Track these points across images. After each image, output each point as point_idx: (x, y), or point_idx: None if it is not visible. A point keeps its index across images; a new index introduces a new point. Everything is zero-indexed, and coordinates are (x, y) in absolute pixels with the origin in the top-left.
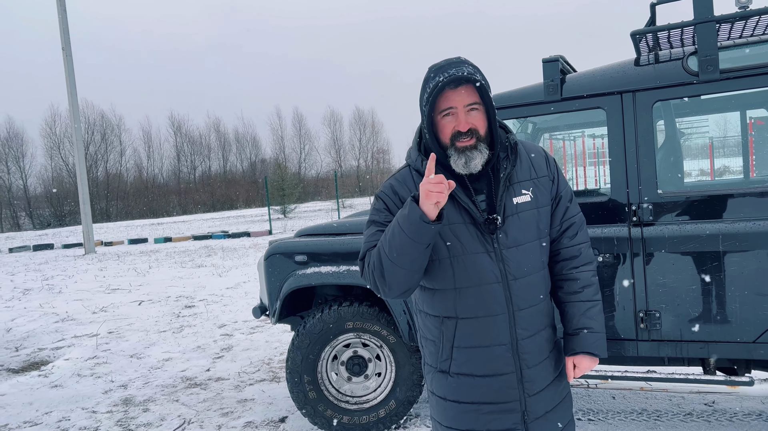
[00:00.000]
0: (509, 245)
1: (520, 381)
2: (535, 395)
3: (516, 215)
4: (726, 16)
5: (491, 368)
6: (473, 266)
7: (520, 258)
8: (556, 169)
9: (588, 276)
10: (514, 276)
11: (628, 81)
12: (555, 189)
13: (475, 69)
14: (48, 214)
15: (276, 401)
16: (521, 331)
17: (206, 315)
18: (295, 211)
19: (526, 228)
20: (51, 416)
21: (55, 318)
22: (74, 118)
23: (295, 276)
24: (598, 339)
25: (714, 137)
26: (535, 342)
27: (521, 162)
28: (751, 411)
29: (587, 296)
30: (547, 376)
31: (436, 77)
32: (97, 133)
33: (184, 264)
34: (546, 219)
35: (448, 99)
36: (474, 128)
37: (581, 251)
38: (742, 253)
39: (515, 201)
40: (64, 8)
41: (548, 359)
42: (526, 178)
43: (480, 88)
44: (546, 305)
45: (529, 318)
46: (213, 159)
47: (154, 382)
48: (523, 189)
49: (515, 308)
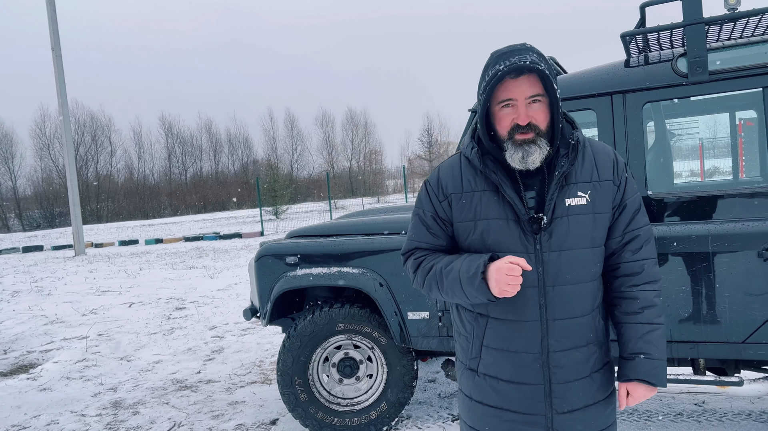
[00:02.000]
0: (552, 248)
1: (548, 396)
2: (566, 414)
3: (566, 218)
4: (715, 18)
5: (517, 375)
6: None
7: (563, 265)
8: (625, 174)
9: (650, 296)
10: (552, 282)
11: (618, 82)
12: (620, 196)
13: (540, 57)
14: (38, 216)
15: (267, 403)
16: (554, 342)
17: (197, 317)
18: (287, 212)
19: (576, 233)
20: (39, 419)
21: (44, 321)
22: (64, 118)
23: (286, 277)
24: (656, 367)
25: (704, 138)
26: (570, 357)
27: (583, 162)
28: (741, 410)
29: (647, 318)
30: (585, 398)
31: (496, 65)
32: (87, 133)
33: (175, 265)
34: (603, 227)
35: (508, 89)
36: (534, 122)
37: (644, 267)
38: (732, 254)
39: (568, 202)
40: (54, 8)
41: (589, 379)
42: (585, 179)
43: (544, 78)
44: (590, 321)
45: (565, 330)
46: (204, 160)
47: (144, 385)
48: (579, 191)
49: (549, 317)
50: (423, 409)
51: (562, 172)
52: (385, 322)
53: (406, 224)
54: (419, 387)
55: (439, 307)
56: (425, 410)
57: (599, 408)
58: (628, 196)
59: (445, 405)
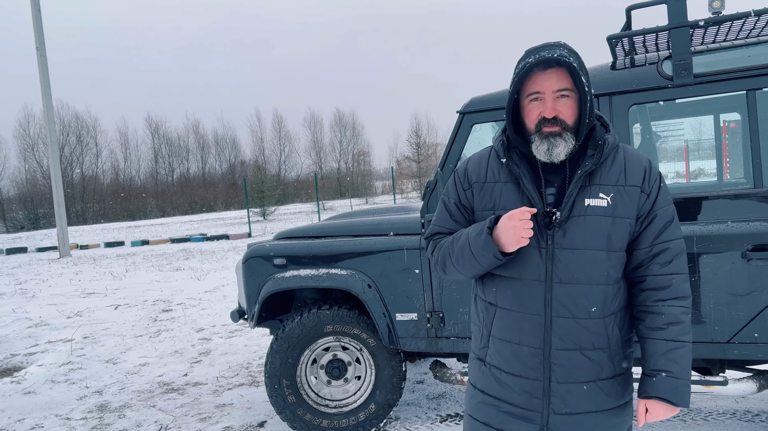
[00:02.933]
0: (564, 246)
1: (546, 393)
2: (564, 415)
3: (583, 217)
4: (699, 22)
5: (517, 368)
6: (519, 258)
7: (574, 263)
8: (657, 184)
9: (676, 312)
10: (560, 279)
11: (605, 84)
12: (649, 205)
13: (571, 52)
14: (21, 217)
15: (255, 405)
16: (557, 340)
17: (184, 319)
18: (275, 214)
19: (592, 233)
20: (24, 423)
21: (28, 324)
22: (48, 118)
23: (274, 279)
24: (678, 386)
25: (689, 140)
26: (572, 358)
27: (612, 165)
28: (726, 410)
29: (671, 335)
30: (587, 404)
31: (527, 58)
32: (72, 134)
33: (162, 267)
34: (622, 232)
35: (536, 82)
36: (561, 116)
37: (672, 282)
38: (716, 255)
39: (587, 202)
40: (38, 7)
41: (594, 385)
42: (610, 182)
43: (574, 73)
44: (601, 326)
45: (568, 328)
46: (192, 161)
47: (131, 388)
48: (601, 192)
49: (554, 313)
50: (411, 410)
51: (584, 171)
52: (373, 324)
53: (395, 225)
54: (407, 388)
55: (427, 308)
56: (413, 411)
57: (602, 418)
58: (659, 207)
59: (433, 406)
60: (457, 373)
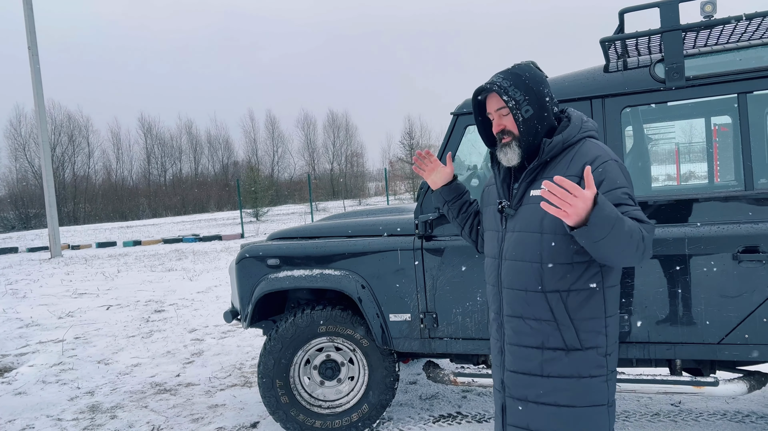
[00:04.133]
0: (510, 229)
1: (501, 352)
2: (512, 372)
3: (527, 205)
4: (691, 25)
5: (491, 329)
6: (488, 241)
7: (514, 244)
8: (604, 174)
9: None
10: (504, 257)
11: (598, 87)
12: None
13: (503, 77)
14: (12, 217)
15: (248, 406)
16: (506, 307)
17: (176, 320)
18: (268, 214)
19: (529, 218)
20: (14, 424)
21: (19, 324)
22: (40, 118)
23: (267, 280)
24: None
25: (680, 143)
26: (516, 324)
27: (561, 160)
28: (716, 410)
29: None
30: (534, 367)
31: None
32: (64, 134)
33: (154, 268)
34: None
35: (488, 105)
36: (507, 128)
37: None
38: (707, 256)
39: (532, 193)
40: (30, 6)
41: (540, 351)
42: (555, 175)
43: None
44: (542, 299)
45: (511, 298)
46: (184, 161)
47: (122, 388)
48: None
49: (503, 285)
50: (404, 411)
51: (529, 169)
52: (366, 324)
53: (389, 226)
54: (401, 389)
55: (420, 309)
56: (406, 412)
57: (549, 383)
58: (603, 191)
59: (426, 407)
60: (450, 374)
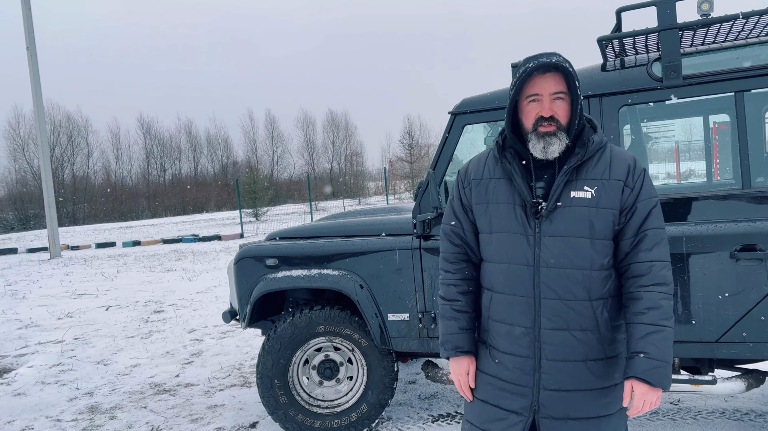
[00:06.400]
0: (551, 233)
1: (536, 370)
2: (553, 391)
3: (569, 208)
4: (688, 24)
5: (510, 346)
6: (509, 245)
7: (559, 249)
8: (641, 179)
9: (655, 297)
10: (546, 263)
11: (595, 86)
12: (632, 198)
13: (566, 60)
14: (11, 218)
15: (247, 406)
16: (545, 320)
17: (176, 320)
18: (268, 214)
19: (576, 222)
20: (14, 425)
21: (18, 325)
22: (39, 119)
23: (266, 280)
24: (655, 367)
25: (679, 141)
26: (561, 337)
27: (598, 162)
28: (715, 409)
29: (650, 319)
30: (575, 382)
31: (526, 63)
32: (63, 134)
33: (153, 268)
34: (606, 221)
35: (535, 85)
36: (556, 116)
37: (652, 269)
38: (705, 255)
39: (573, 194)
40: (29, 6)
41: (582, 365)
42: (596, 177)
43: (568, 77)
44: (588, 308)
45: (556, 309)
46: (183, 161)
47: (122, 389)
48: (586, 185)
49: (542, 295)
50: (403, 410)
51: (570, 166)
52: (365, 324)
53: (387, 226)
54: (399, 388)
55: (419, 308)
56: (405, 411)
57: (590, 396)
58: (642, 199)
59: (425, 407)
60: (448, 373)
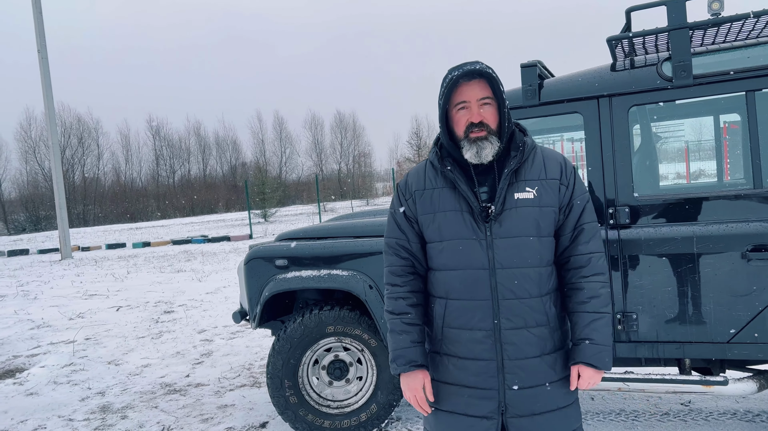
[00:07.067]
0: (502, 235)
1: (500, 371)
2: (519, 391)
3: (515, 209)
4: (699, 23)
5: (472, 351)
6: (463, 251)
7: (511, 250)
8: (573, 177)
9: (596, 287)
10: (501, 265)
11: (605, 86)
12: (568, 195)
13: (488, 67)
14: (23, 219)
15: (257, 406)
16: (505, 321)
17: (186, 321)
18: (276, 215)
19: (523, 222)
20: (26, 424)
21: (30, 325)
22: (50, 121)
23: (276, 280)
24: (599, 351)
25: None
26: (520, 336)
27: (533, 162)
28: (726, 410)
29: (593, 307)
30: (536, 377)
31: (451, 73)
32: (73, 136)
33: (163, 269)
34: (549, 219)
35: (462, 93)
36: (485, 121)
37: (590, 260)
38: (716, 255)
39: (517, 196)
40: (40, 10)
41: (539, 359)
42: (534, 177)
43: (492, 82)
44: (540, 304)
45: (514, 309)
46: (192, 162)
47: (133, 389)
48: (527, 186)
49: (500, 297)
50: (413, 411)
51: (511, 169)
52: (374, 324)
53: None
54: None
55: None
56: (415, 411)
57: (551, 389)
58: (576, 196)
59: None
60: None
